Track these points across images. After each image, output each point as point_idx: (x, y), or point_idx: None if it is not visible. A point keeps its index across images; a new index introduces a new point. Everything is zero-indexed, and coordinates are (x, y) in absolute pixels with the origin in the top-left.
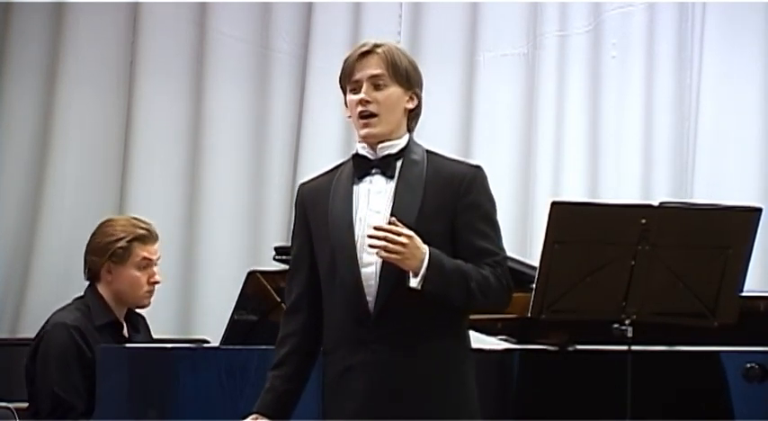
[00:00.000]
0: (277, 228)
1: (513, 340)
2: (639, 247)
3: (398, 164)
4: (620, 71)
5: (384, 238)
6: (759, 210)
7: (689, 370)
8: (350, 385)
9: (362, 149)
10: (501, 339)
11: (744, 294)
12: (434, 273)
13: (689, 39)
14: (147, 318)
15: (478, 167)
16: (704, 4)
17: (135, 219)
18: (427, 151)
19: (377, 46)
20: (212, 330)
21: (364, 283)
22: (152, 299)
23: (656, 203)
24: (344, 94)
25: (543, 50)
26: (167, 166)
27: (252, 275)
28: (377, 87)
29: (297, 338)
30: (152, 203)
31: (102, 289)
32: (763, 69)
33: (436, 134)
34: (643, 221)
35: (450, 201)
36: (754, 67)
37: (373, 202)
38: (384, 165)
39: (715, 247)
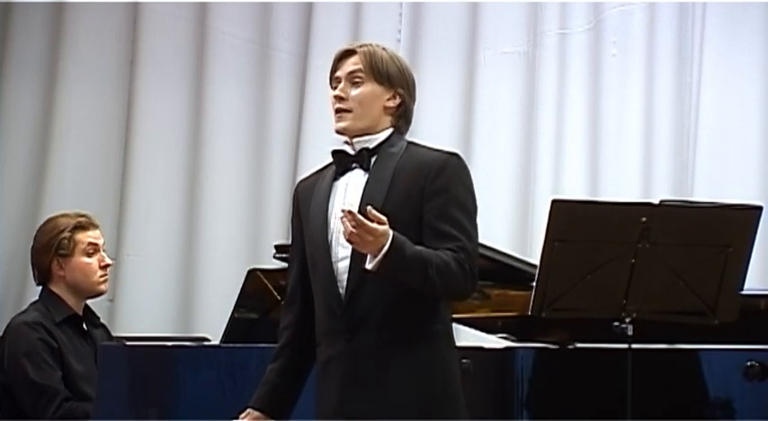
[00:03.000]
0: (277, 227)
1: (514, 338)
2: (640, 246)
3: (375, 158)
4: (621, 70)
5: (354, 226)
6: (759, 209)
7: (689, 368)
8: (330, 376)
9: (343, 145)
10: (501, 337)
11: (744, 292)
12: (392, 258)
13: (689, 38)
14: (146, 315)
15: (453, 154)
16: (704, 3)
17: (73, 211)
18: (409, 143)
19: (361, 46)
20: (212, 328)
21: (338, 277)
22: (107, 285)
23: (656, 202)
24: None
25: (543, 49)
26: (167, 166)
27: (252, 273)
28: (354, 84)
29: (290, 331)
30: (152, 202)
31: (55, 287)
32: (763, 68)
33: (436, 132)
34: (643, 220)
35: (418, 187)
36: (754, 66)
37: (348, 196)
38: (361, 160)
39: (715, 246)
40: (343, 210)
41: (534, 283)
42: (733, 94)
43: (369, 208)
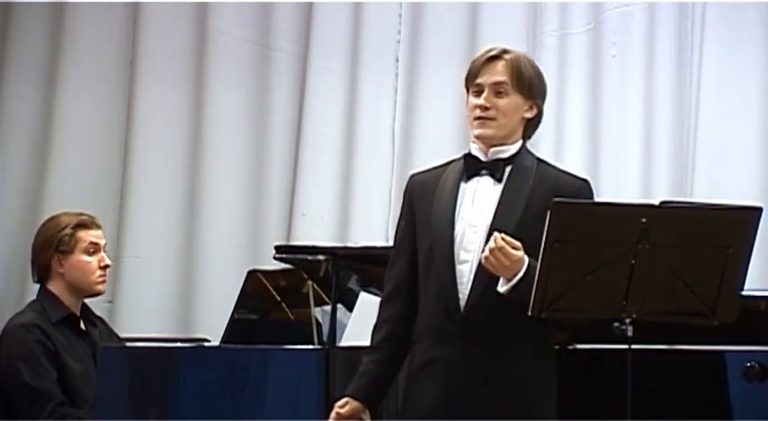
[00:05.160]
0: (277, 227)
1: None
2: (640, 246)
3: (508, 169)
4: (620, 70)
5: (492, 251)
6: (759, 210)
7: (689, 369)
8: (431, 377)
9: (475, 150)
10: None
11: (744, 293)
12: (525, 285)
13: (689, 38)
14: (146, 316)
15: (586, 181)
16: (704, 3)
17: (75, 211)
18: (538, 160)
19: (505, 52)
20: (213, 329)
21: (458, 279)
22: (106, 286)
23: (656, 202)
24: (467, 93)
25: (543, 50)
26: (167, 166)
27: (252, 274)
28: (498, 94)
29: (391, 325)
30: (152, 203)
31: (53, 285)
32: (763, 69)
33: (437, 133)
34: (643, 220)
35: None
36: (754, 67)
37: (478, 202)
38: (494, 168)
39: (715, 246)
40: (496, 233)
41: (534, 284)
42: (733, 94)
43: (501, 235)
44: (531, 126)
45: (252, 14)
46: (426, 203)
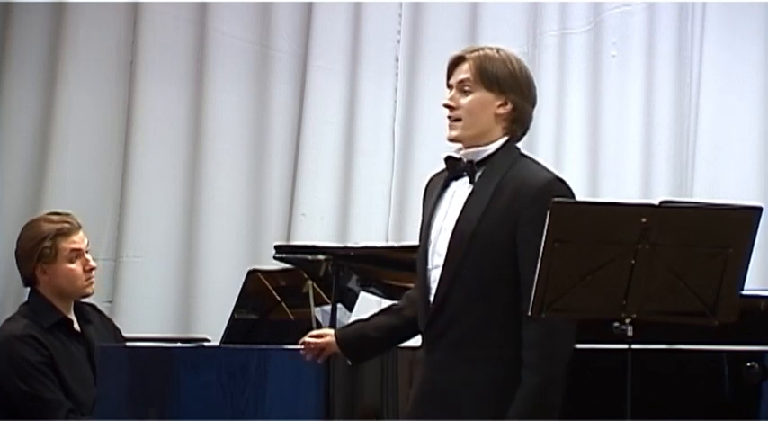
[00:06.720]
0: (277, 227)
1: None
2: (640, 246)
3: (481, 170)
4: (620, 70)
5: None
6: (759, 210)
7: (689, 368)
8: (416, 377)
9: (457, 152)
10: None
11: (744, 293)
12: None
13: (689, 38)
14: (146, 316)
15: (555, 178)
16: (704, 3)
17: (54, 213)
18: (522, 155)
19: (472, 51)
20: (213, 329)
21: (431, 284)
22: (94, 286)
23: (656, 202)
24: None
25: (543, 50)
26: (167, 166)
27: (252, 274)
28: (463, 92)
29: (402, 301)
30: (152, 203)
31: (42, 290)
32: (763, 69)
33: (437, 133)
34: (643, 220)
35: (513, 210)
36: (754, 67)
37: (452, 206)
38: (469, 170)
39: (715, 246)
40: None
41: (534, 284)
42: (733, 94)
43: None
44: (511, 121)
45: (252, 14)
46: (425, 207)
